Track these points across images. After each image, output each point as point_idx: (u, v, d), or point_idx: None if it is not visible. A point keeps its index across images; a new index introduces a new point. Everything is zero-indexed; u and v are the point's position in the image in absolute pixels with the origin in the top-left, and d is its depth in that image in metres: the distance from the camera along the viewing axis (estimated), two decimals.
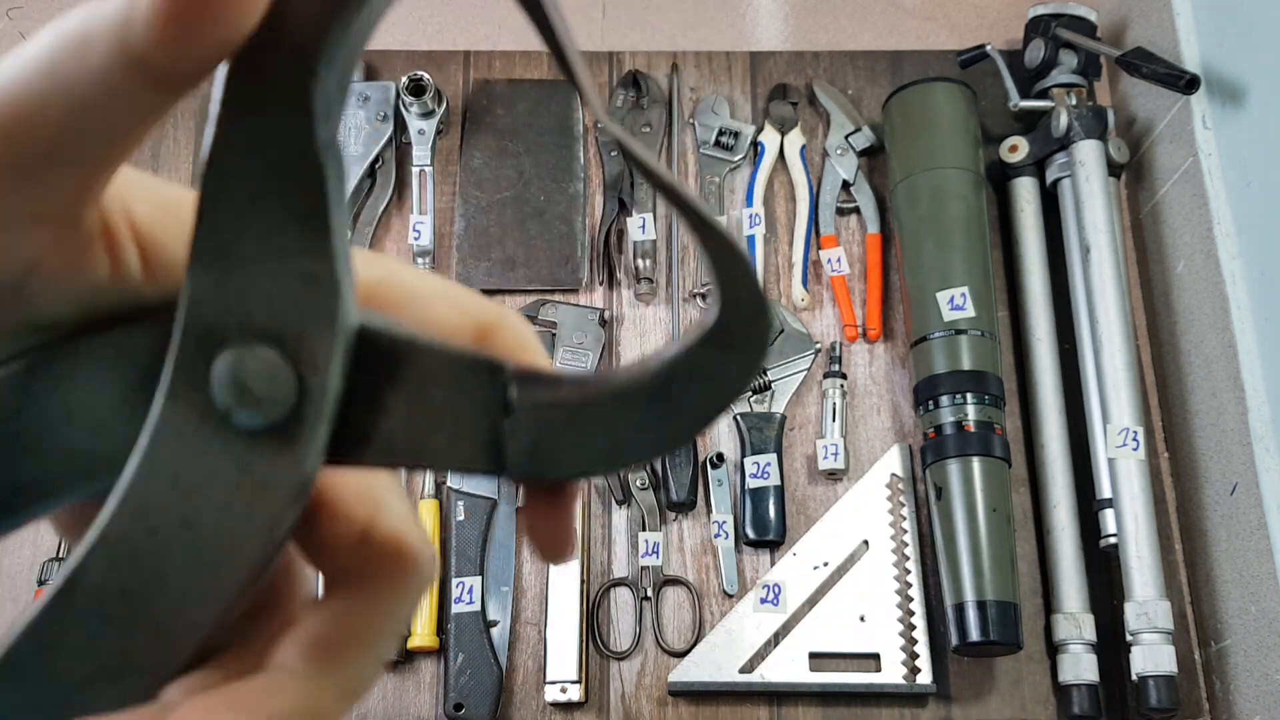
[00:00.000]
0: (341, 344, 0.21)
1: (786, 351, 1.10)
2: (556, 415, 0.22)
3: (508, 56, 1.27)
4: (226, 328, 0.21)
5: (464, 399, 0.22)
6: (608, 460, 0.22)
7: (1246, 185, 1.02)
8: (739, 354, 0.22)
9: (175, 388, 0.21)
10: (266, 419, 0.21)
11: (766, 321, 0.22)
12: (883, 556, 1.02)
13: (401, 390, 0.22)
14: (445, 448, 0.22)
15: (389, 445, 0.22)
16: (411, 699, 1.01)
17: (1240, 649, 0.97)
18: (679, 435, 0.22)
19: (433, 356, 0.22)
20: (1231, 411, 0.99)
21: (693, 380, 0.22)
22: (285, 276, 0.21)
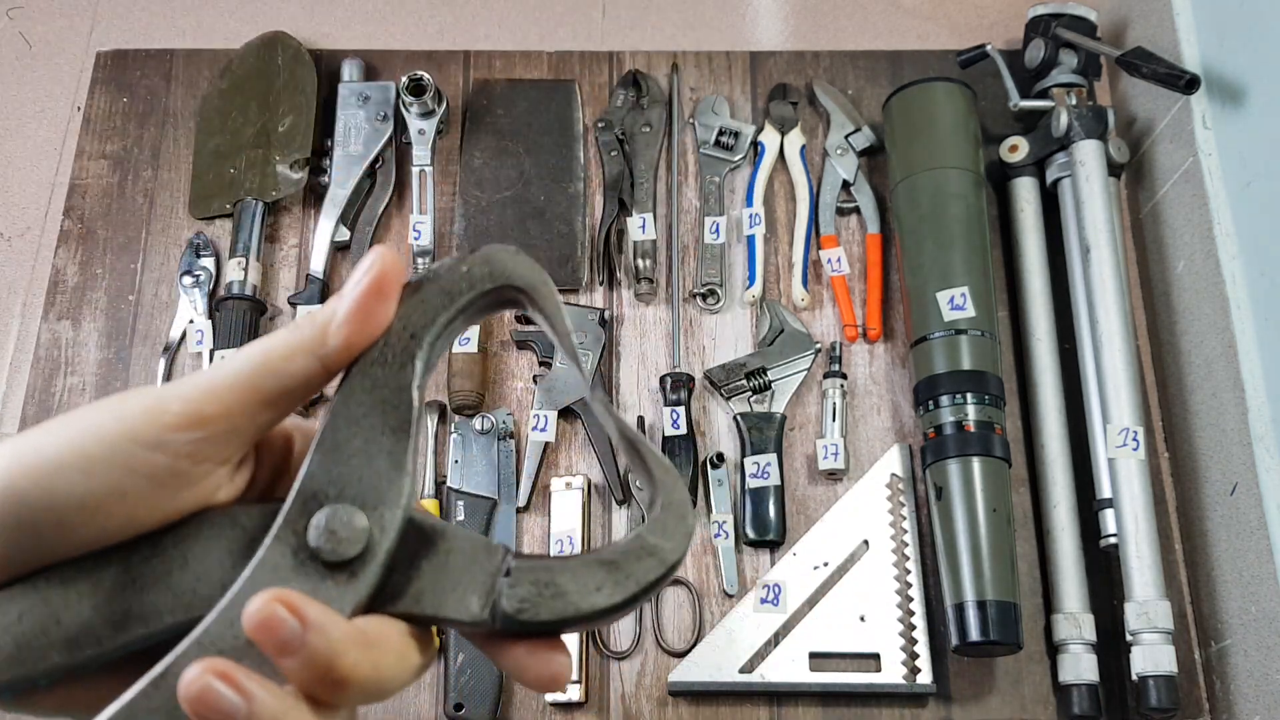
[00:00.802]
0: (401, 518, 0.32)
1: (786, 351, 1.10)
2: (542, 577, 0.31)
3: (508, 56, 1.27)
4: (328, 494, 0.31)
5: (475, 567, 0.32)
6: (577, 614, 0.31)
7: (1246, 185, 1.02)
8: (673, 539, 0.32)
9: (280, 533, 0.31)
10: (342, 556, 0.30)
11: (692, 520, 0.33)
12: (883, 556, 1.02)
13: (431, 560, 0.32)
14: (457, 603, 0.31)
15: (417, 599, 0.32)
16: (411, 699, 1.01)
17: (1240, 649, 0.97)
18: (631, 597, 0.31)
19: (455, 537, 0.32)
20: (1232, 411, 0.99)
21: (640, 558, 0.32)
22: (375, 467, 0.32)
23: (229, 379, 0.31)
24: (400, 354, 0.33)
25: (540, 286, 0.35)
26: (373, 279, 0.33)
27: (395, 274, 0.33)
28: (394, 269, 0.33)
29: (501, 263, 0.35)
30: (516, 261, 0.35)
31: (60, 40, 1.33)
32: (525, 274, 0.35)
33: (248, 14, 1.31)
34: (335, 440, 0.32)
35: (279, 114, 1.21)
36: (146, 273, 1.18)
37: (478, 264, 0.35)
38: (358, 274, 0.33)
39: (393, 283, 0.33)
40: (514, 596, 0.31)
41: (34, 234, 1.23)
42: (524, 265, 0.35)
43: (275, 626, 0.28)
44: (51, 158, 1.26)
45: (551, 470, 1.08)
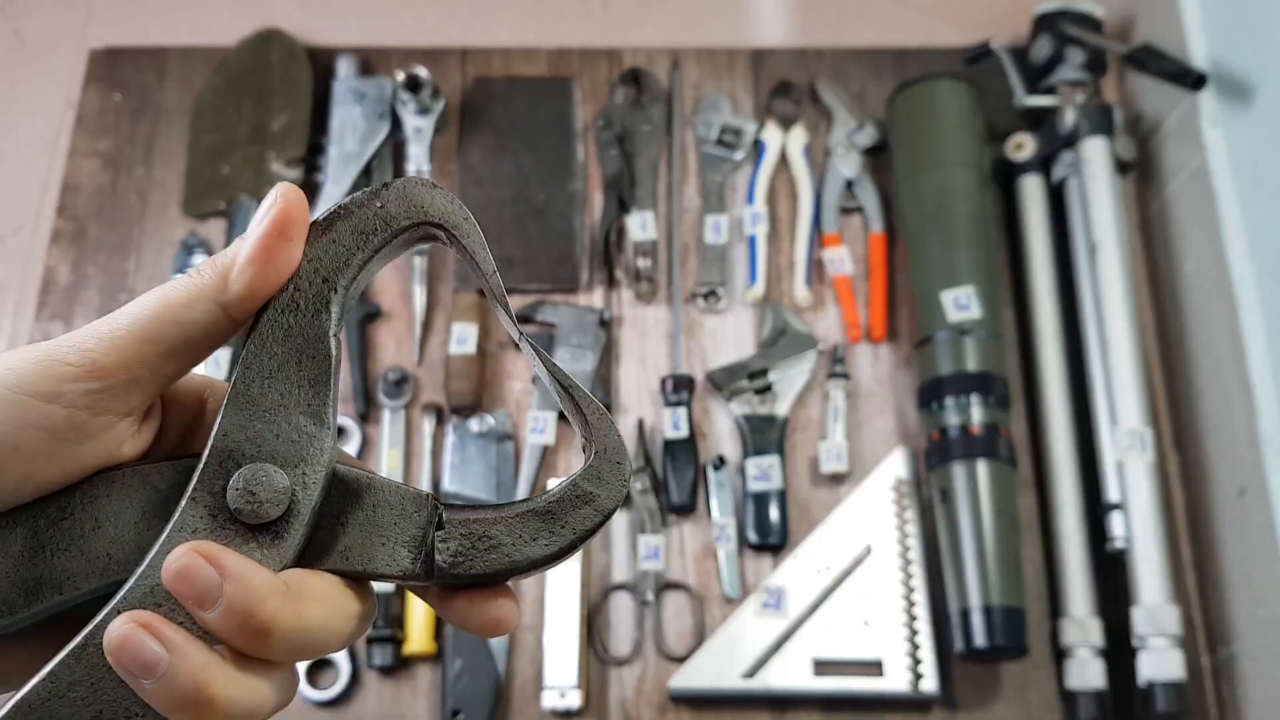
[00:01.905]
0: (323, 474, 0.31)
1: (789, 353, 1.09)
2: (475, 529, 0.31)
3: (506, 53, 1.25)
4: (244, 453, 0.30)
5: (404, 520, 0.31)
6: (512, 565, 0.31)
7: (1255, 183, 1.01)
8: (608, 486, 0.32)
9: (196, 494, 0.30)
10: (264, 518, 0.30)
11: (628, 465, 0.32)
12: (887, 560, 1.01)
13: (358, 514, 0.31)
14: (387, 557, 0.31)
15: (345, 555, 0.31)
16: (409, 705, 1.00)
17: (1249, 654, 0.96)
18: (568, 546, 0.31)
19: (382, 490, 0.32)
20: (1240, 413, 0.98)
21: (576, 506, 0.32)
22: (294, 422, 0.31)
23: (126, 328, 0.30)
24: (313, 300, 0.31)
25: (461, 223, 0.33)
26: (274, 219, 0.31)
27: (299, 212, 0.31)
28: (298, 207, 0.31)
29: (418, 197, 0.33)
30: (434, 195, 0.33)
31: (53, 37, 1.31)
32: (444, 208, 0.33)
33: (242, 10, 1.30)
34: (249, 395, 0.31)
35: (274, 111, 1.20)
36: (139, 272, 1.17)
37: (392, 199, 0.32)
38: (259, 212, 0.31)
39: (297, 222, 0.31)
40: (446, 550, 0.31)
41: (26, 233, 1.22)
42: (441, 199, 0.33)
43: (193, 575, 0.28)
44: (44, 156, 1.25)
45: (550, 473, 1.07)
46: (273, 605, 0.28)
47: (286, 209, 0.31)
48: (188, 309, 0.30)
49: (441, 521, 0.31)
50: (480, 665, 0.99)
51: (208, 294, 0.31)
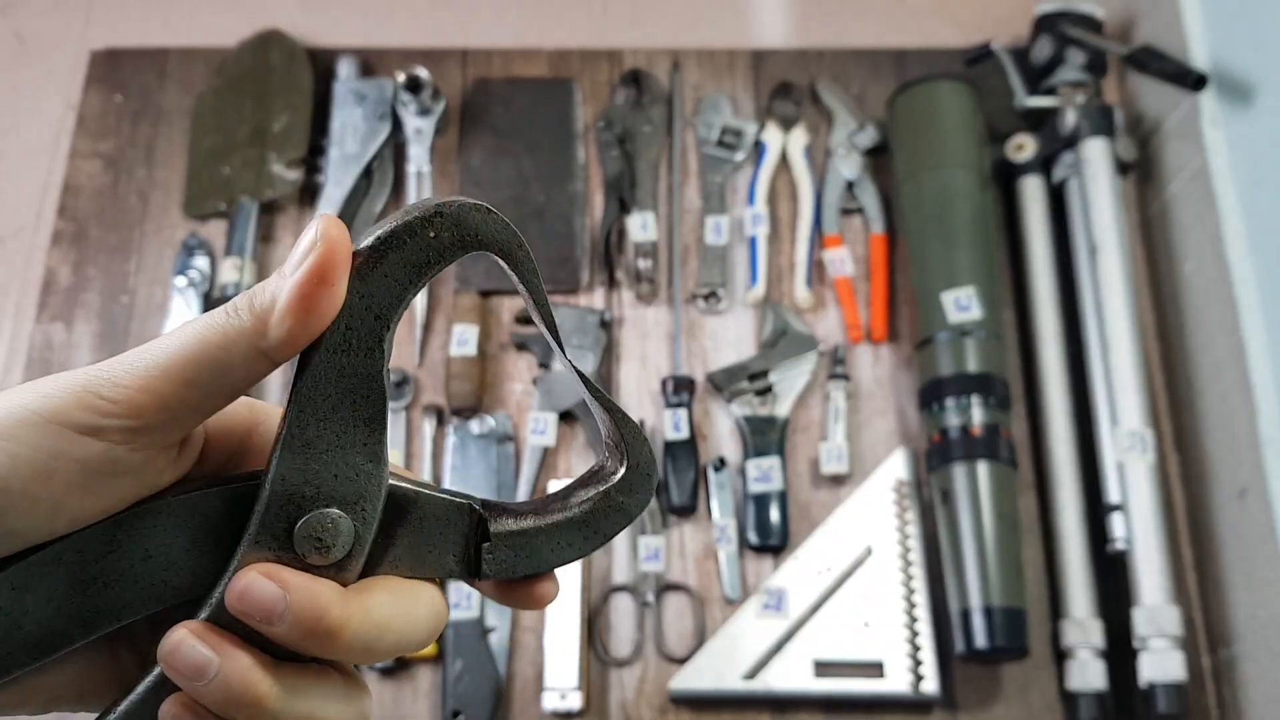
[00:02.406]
0: (380, 506, 0.32)
1: (789, 354, 1.09)
2: (518, 541, 0.34)
3: (506, 54, 1.25)
4: (305, 495, 0.31)
5: (449, 530, 0.33)
6: (548, 566, 0.34)
7: (1256, 184, 1.01)
8: (639, 497, 0.35)
9: (259, 538, 0.30)
10: (331, 560, 0.31)
11: (656, 476, 0.36)
12: (887, 562, 1.01)
13: (406, 529, 0.32)
14: (435, 563, 0.33)
15: (395, 563, 0.32)
16: (409, 707, 1.00)
17: (1250, 655, 0.96)
18: (596, 548, 0.35)
19: (428, 504, 0.33)
20: (1241, 414, 0.98)
21: (608, 515, 0.35)
22: (352, 462, 0.31)
23: (163, 369, 0.29)
24: (366, 339, 0.31)
25: (515, 250, 0.32)
26: (316, 265, 0.29)
27: (342, 255, 0.29)
28: (341, 247, 0.29)
29: (473, 224, 0.31)
30: (489, 222, 0.31)
31: (54, 38, 1.31)
32: (499, 236, 0.32)
33: (243, 12, 1.30)
34: (305, 437, 0.30)
35: (274, 113, 1.20)
36: (140, 274, 1.17)
37: (447, 227, 0.31)
38: (298, 252, 0.29)
39: (339, 267, 0.29)
40: (492, 560, 0.33)
41: (27, 234, 1.22)
42: (495, 226, 0.31)
43: (255, 593, 0.29)
44: (44, 157, 1.25)
45: (550, 474, 1.07)
46: (338, 608, 0.29)
47: (329, 252, 0.29)
48: (225, 351, 0.29)
49: (486, 533, 0.33)
50: (481, 666, 0.99)
51: (246, 337, 0.29)
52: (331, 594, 0.29)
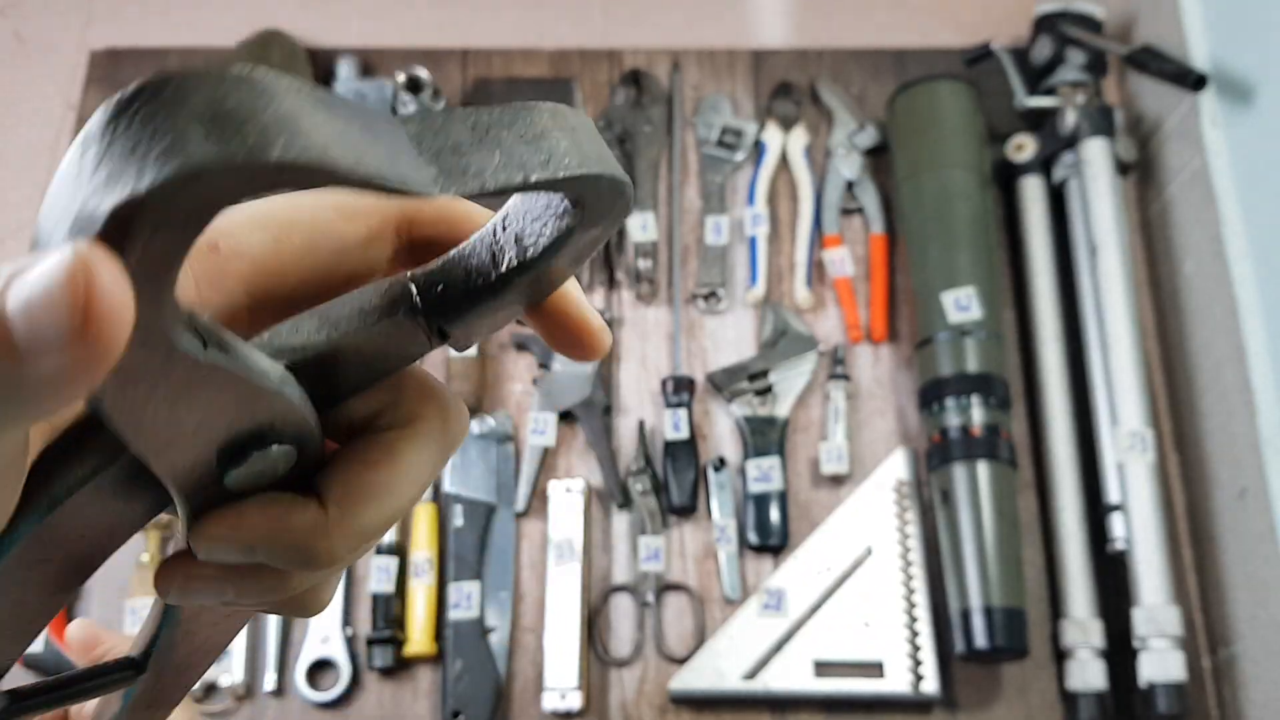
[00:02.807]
0: (311, 420, 0.24)
1: (789, 354, 1.09)
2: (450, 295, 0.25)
3: (506, 54, 1.25)
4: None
5: (394, 341, 0.25)
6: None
7: (1255, 185, 1.01)
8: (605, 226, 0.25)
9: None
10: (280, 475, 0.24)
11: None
12: (887, 562, 1.01)
13: (348, 378, 0.25)
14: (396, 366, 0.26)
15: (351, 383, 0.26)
16: (409, 706, 1.00)
17: (1249, 655, 0.96)
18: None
19: (350, 345, 0.25)
20: (1240, 414, 0.98)
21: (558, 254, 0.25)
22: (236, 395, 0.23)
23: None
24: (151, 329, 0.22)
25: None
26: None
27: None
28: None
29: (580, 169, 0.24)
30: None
31: (54, 38, 1.31)
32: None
33: (243, 12, 1.30)
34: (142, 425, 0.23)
35: None
36: None
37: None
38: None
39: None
40: (453, 316, 0.26)
41: (26, 234, 1.22)
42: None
43: (201, 584, 0.25)
44: (45, 158, 1.25)
45: (550, 474, 1.07)
46: (321, 539, 0.24)
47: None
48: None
49: (416, 308, 0.25)
50: (481, 666, 0.99)
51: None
52: (304, 526, 0.24)
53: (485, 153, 0.23)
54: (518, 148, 0.23)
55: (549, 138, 0.23)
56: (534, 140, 0.23)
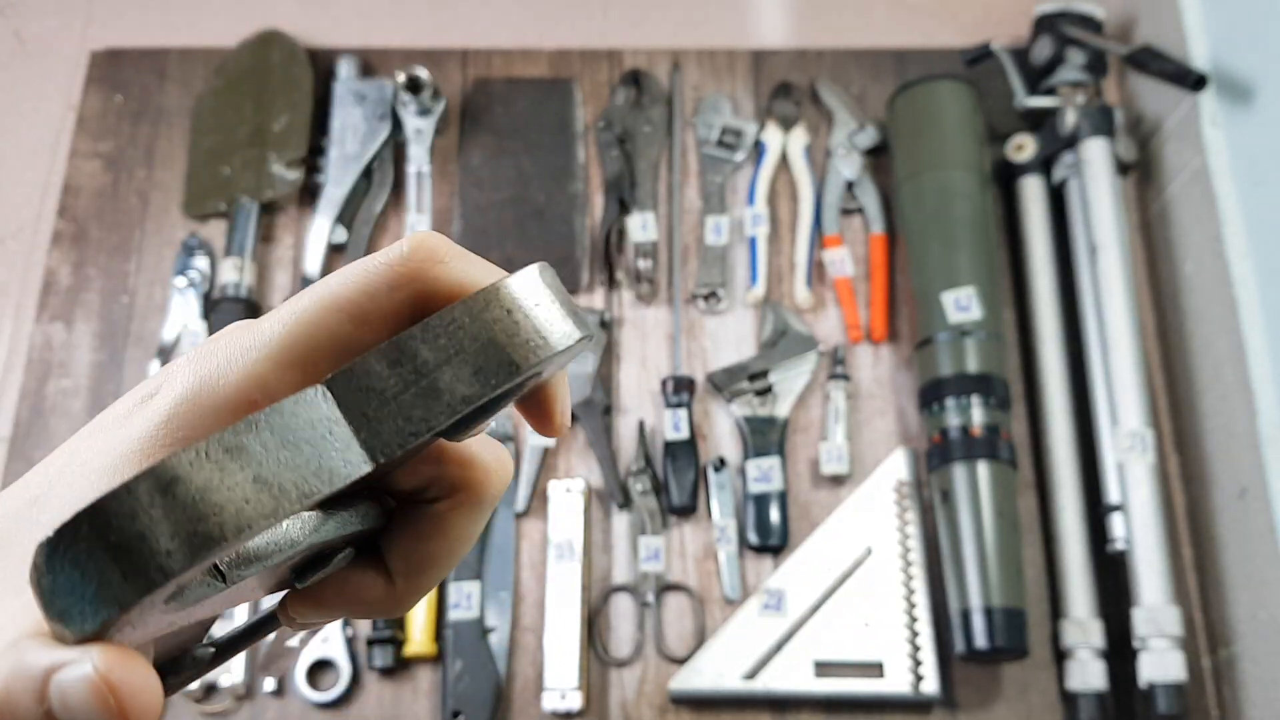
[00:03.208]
0: (359, 526, 0.27)
1: (789, 354, 1.09)
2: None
3: (506, 54, 1.25)
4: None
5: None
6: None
7: (1256, 185, 1.00)
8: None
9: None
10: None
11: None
12: (887, 562, 1.01)
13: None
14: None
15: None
16: (409, 707, 1.00)
17: (1250, 655, 0.96)
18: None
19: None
20: (1240, 414, 0.98)
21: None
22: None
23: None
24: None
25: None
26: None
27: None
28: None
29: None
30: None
31: (54, 38, 1.31)
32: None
33: (243, 12, 1.30)
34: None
35: (274, 113, 1.20)
36: (140, 274, 1.17)
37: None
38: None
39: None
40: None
41: (27, 235, 1.22)
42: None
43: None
44: (44, 157, 1.25)
45: (550, 474, 1.07)
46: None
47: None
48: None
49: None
50: (481, 666, 0.99)
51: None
52: (374, 599, 0.28)
53: (413, 395, 0.23)
54: (445, 374, 0.23)
55: (475, 346, 0.24)
56: (460, 356, 0.24)
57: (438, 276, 0.26)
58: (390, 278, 0.26)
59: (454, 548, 0.28)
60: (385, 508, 0.28)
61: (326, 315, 0.26)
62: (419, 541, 0.28)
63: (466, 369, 0.24)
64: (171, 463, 0.21)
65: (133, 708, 0.21)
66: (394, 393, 0.23)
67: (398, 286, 0.26)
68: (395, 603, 0.28)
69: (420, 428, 0.23)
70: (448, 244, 0.27)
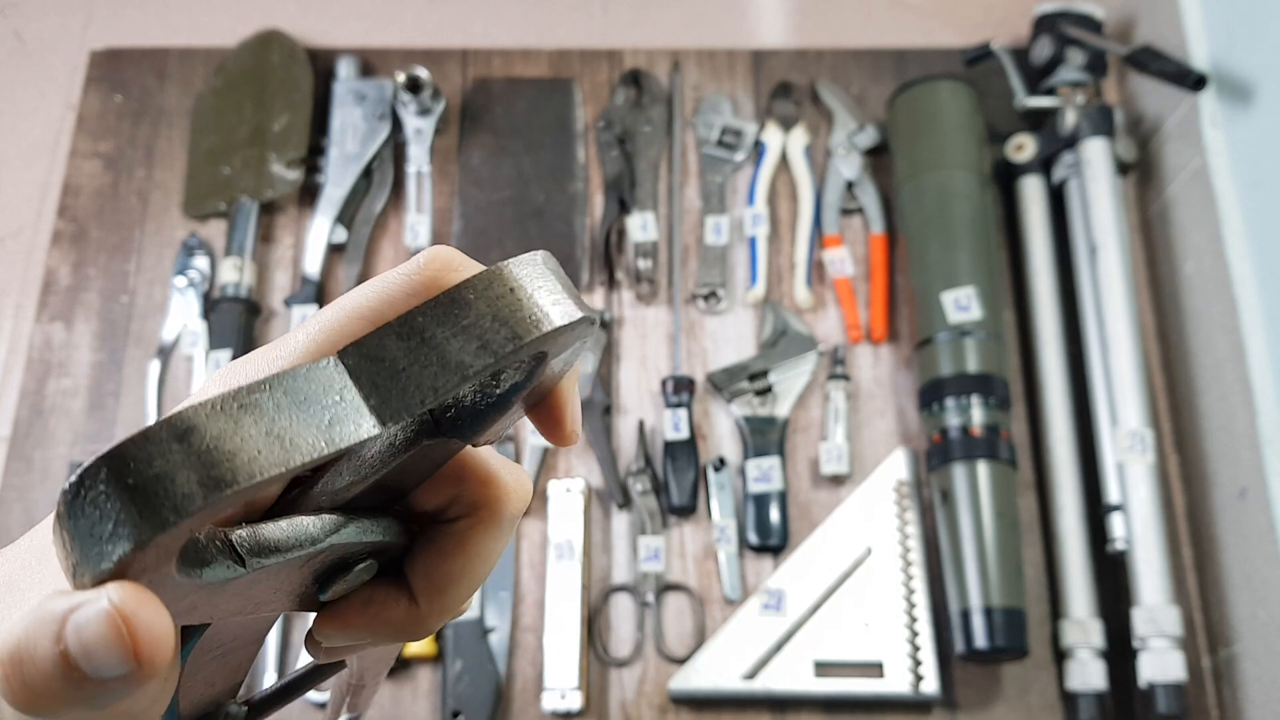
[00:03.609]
0: (379, 536, 0.28)
1: (789, 354, 1.09)
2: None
3: (506, 54, 1.25)
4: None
5: (422, 459, 0.27)
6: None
7: (1256, 185, 1.00)
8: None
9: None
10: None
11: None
12: (887, 562, 1.01)
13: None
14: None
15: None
16: (409, 707, 1.00)
17: (1249, 655, 0.96)
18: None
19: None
20: (1240, 414, 0.98)
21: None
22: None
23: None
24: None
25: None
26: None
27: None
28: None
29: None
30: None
31: (53, 38, 1.31)
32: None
33: (242, 11, 1.30)
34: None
35: (274, 113, 1.20)
36: (140, 274, 1.17)
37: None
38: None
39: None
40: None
41: (27, 234, 1.22)
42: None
43: None
44: (44, 157, 1.25)
45: (550, 474, 1.07)
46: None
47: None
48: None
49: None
50: (480, 666, 0.98)
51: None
52: (398, 619, 0.29)
53: (421, 364, 0.24)
54: (452, 345, 0.24)
55: (481, 321, 0.25)
56: (466, 329, 0.25)
57: (451, 282, 0.27)
58: (408, 286, 0.27)
59: (475, 566, 0.29)
60: (408, 530, 0.29)
61: (350, 323, 0.27)
62: (440, 560, 0.29)
63: (472, 342, 0.24)
64: (188, 413, 0.22)
65: (145, 641, 0.21)
66: (403, 364, 0.24)
67: (415, 293, 0.27)
68: (419, 623, 0.29)
69: (427, 395, 0.24)
70: (461, 256, 0.28)
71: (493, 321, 0.25)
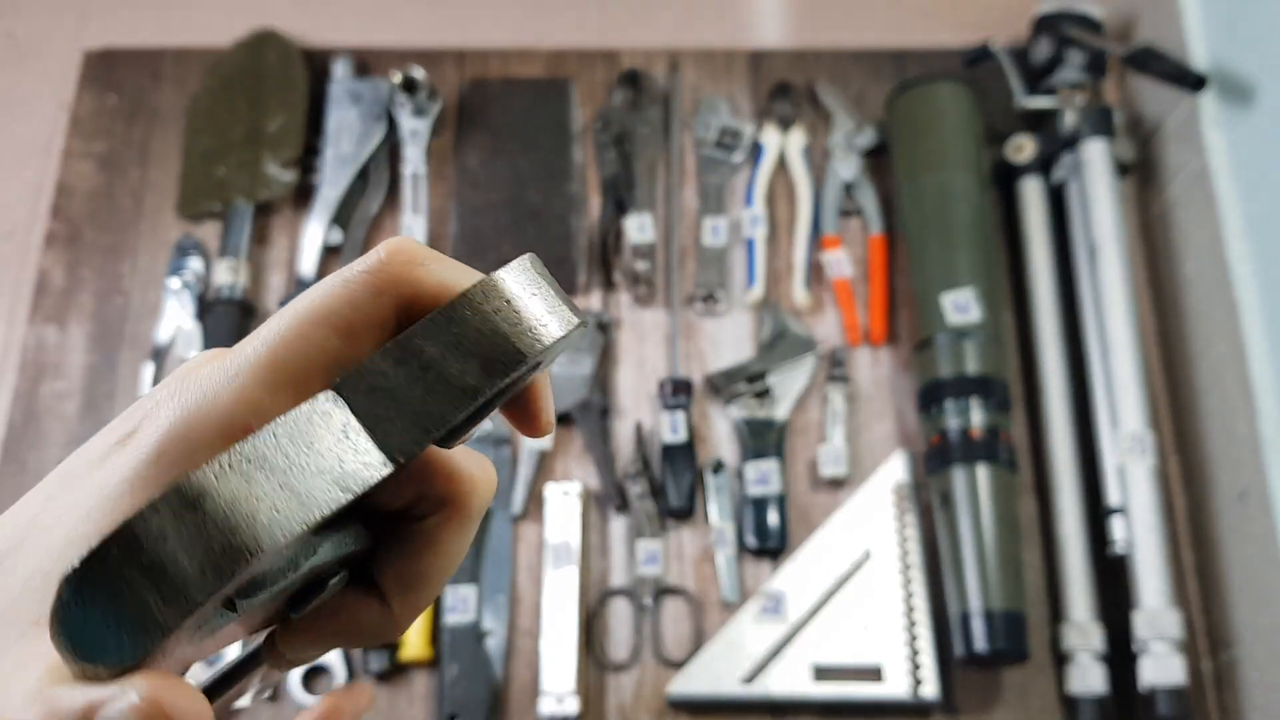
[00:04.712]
0: (351, 547, 0.26)
1: (788, 356, 1.08)
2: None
3: (503, 54, 1.25)
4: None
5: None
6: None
7: (1256, 185, 1.00)
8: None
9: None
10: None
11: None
12: (886, 565, 1.00)
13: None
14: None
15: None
16: (405, 711, 0.99)
17: (1250, 658, 0.95)
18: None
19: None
20: (1241, 416, 0.98)
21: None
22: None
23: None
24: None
25: None
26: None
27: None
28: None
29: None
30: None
31: (47, 38, 1.31)
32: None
33: (237, 11, 1.29)
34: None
35: (269, 113, 1.19)
36: (134, 275, 1.16)
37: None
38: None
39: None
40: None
41: (20, 236, 1.21)
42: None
43: None
44: (38, 158, 1.24)
45: (547, 477, 1.06)
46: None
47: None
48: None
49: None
50: (477, 671, 0.98)
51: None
52: (371, 623, 0.29)
53: (425, 391, 0.23)
54: (454, 367, 0.23)
55: (481, 338, 0.24)
56: (467, 349, 0.23)
57: (419, 279, 0.26)
58: (372, 285, 0.26)
59: (445, 563, 0.28)
60: (370, 531, 0.28)
61: (313, 330, 0.25)
62: (410, 560, 0.28)
63: (474, 361, 0.23)
64: (195, 477, 0.20)
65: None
66: (403, 391, 0.23)
67: (381, 292, 0.26)
68: (392, 625, 0.28)
69: (435, 424, 0.23)
70: (422, 247, 0.27)
71: (493, 337, 0.23)
